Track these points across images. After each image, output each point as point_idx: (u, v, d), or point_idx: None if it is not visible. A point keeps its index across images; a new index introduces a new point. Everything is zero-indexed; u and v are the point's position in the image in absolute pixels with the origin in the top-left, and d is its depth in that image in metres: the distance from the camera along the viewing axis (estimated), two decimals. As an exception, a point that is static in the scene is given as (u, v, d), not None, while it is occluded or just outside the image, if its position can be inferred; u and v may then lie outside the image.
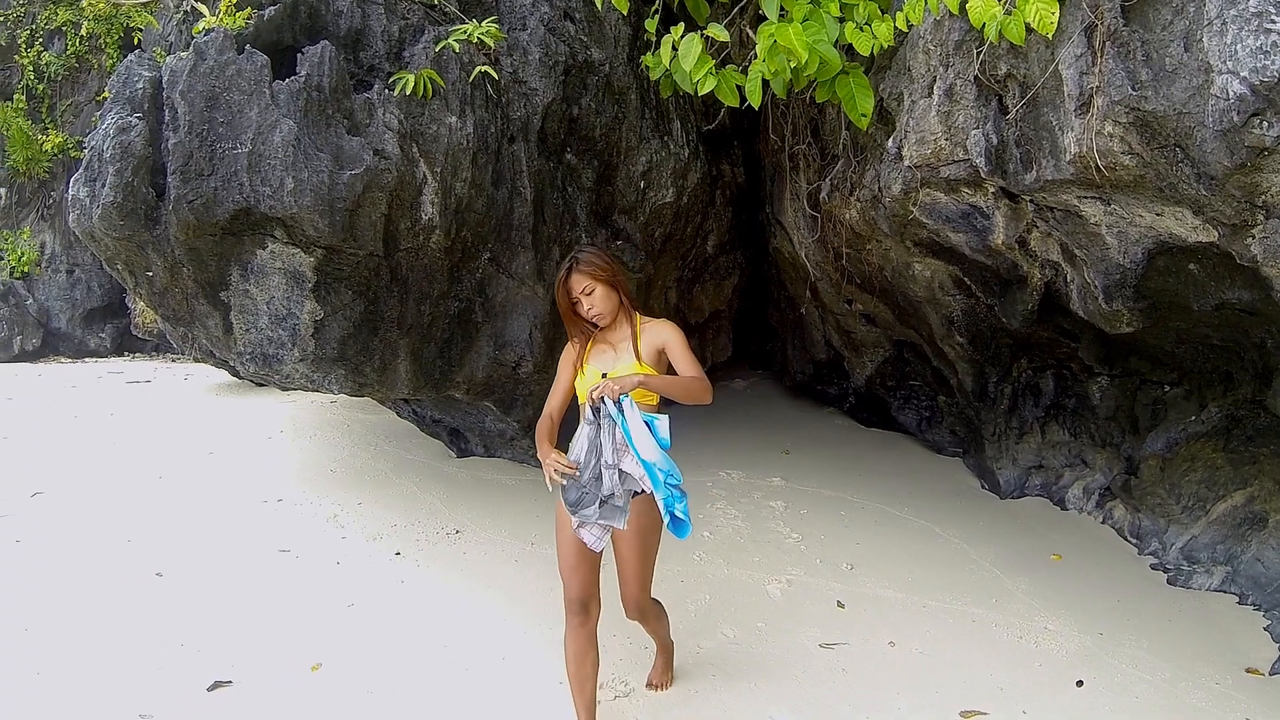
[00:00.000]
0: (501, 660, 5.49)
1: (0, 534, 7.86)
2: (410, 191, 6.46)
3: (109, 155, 6.14)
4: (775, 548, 7.10)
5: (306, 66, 6.20)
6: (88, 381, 16.63)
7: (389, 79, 6.52)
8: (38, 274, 22.03)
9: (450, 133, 6.56)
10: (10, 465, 10.28)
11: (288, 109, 6.04)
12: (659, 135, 8.07)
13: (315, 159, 6.00)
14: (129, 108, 6.43)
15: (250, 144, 5.99)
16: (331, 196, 6.01)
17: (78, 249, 21.86)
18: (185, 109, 6.05)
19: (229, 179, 5.99)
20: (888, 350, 9.42)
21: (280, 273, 6.35)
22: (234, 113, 6.06)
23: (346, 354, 6.65)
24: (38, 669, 5.49)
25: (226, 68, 6.11)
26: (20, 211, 22.23)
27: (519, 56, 7.14)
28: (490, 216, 7.02)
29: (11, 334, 21.16)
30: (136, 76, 6.63)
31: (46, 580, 6.79)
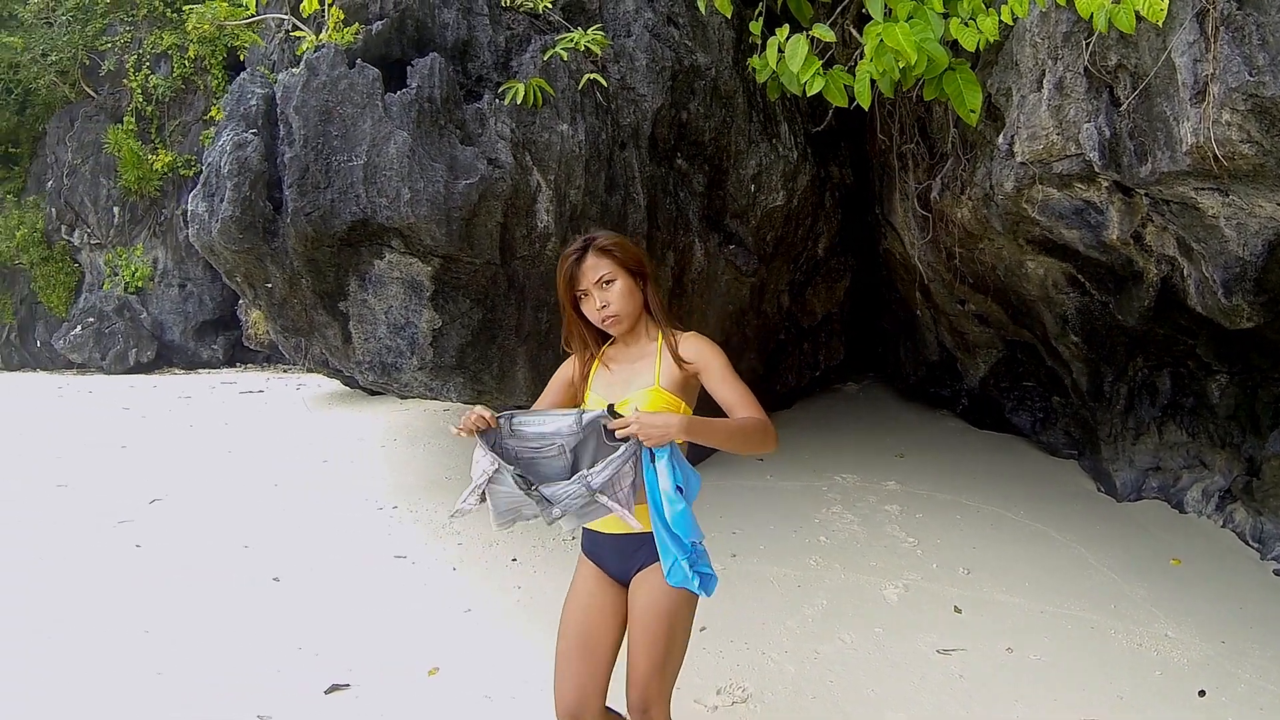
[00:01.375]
0: (617, 665, 5.30)
1: (121, 539, 8.00)
2: (525, 199, 6.38)
3: (226, 171, 6.14)
4: (891, 552, 6.91)
5: (417, 78, 6.18)
6: (201, 392, 16.89)
7: (498, 89, 6.45)
8: (151, 289, 22.41)
9: (562, 140, 6.46)
10: (130, 473, 10.46)
11: (401, 121, 6.01)
12: (767, 138, 7.91)
13: (430, 169, 5.96)
14: (244, 124, 6.43)
15: (365, 156, 5.96)
16: (448, 206, 5.96)
17: (189, 264, 22.28)
18: (300, 123, 6.05)
19: (345, 191, 5.98)
20: (1001, 351, 9.14)
21: (398, 282, 6.32)
22: (348, 126, 6.04)
23: (465, 362, 6.60)
24: (159, 669, 5.54)
25: (339, 82, 6.11)
26: (133, 229, 22.63)
27: (626, 63, 7.03)
28: (604, 223, 6.80)
29: (127, 347, 21.59)
30: (250, 94, 6.64)
31: (166, 584, 6.87)
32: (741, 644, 5.51)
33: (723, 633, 5.58)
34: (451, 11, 6.71)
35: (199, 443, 11.87)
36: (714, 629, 5.64)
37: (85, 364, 22.56)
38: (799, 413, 9.89)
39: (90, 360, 22.25)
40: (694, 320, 7.64)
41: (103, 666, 5.68)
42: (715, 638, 5.54)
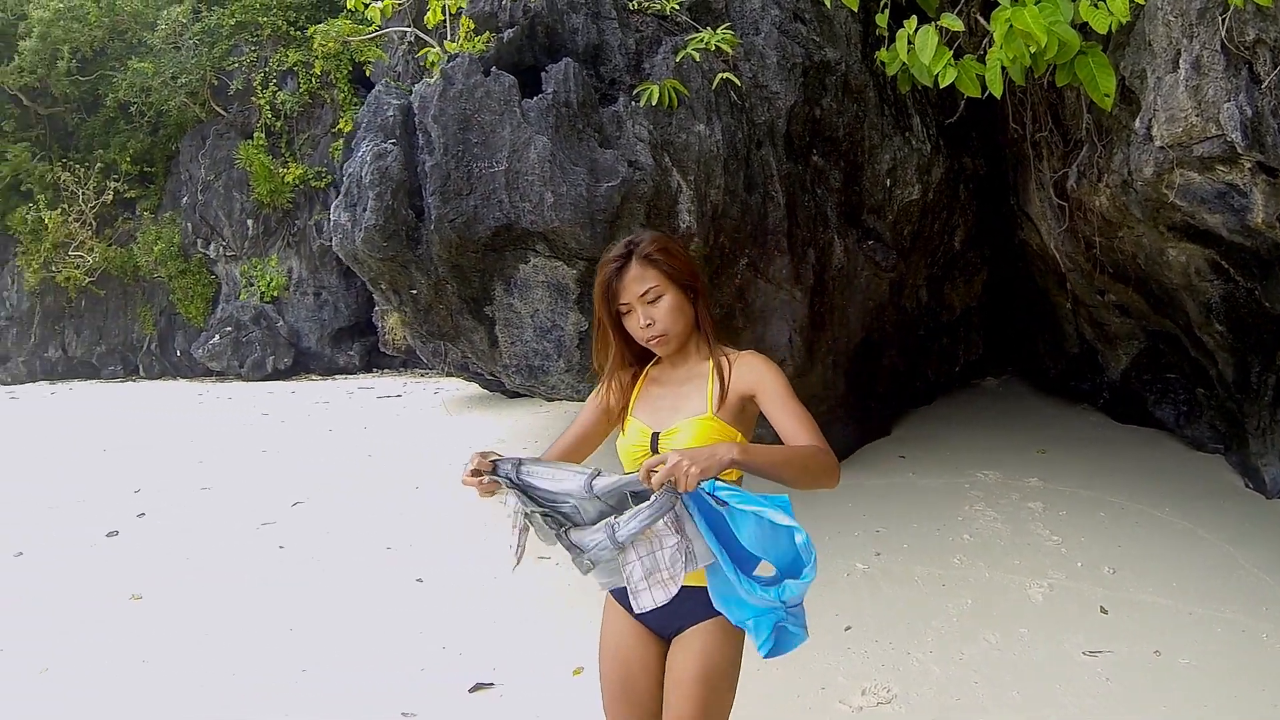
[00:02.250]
0: (763, 664, 5.18)
1: (264, 541, 8.19)
2: (666, 201, 6.27)
3: (368, 180, 6.16)
4: (1035, 550, 6.66)
5: (552, 84, 6.13)
6: (339, 397, 17.17)
7: (632, 91, 6.37)
8: (286, 297, 22.82)
9: (700, 141, 6.35)
10: (271, 477, 10.69)
11: (539, 126, 5.96)
12: (900, 131, 7.73)
13: (572, 173, 5.89)
14: (381, 135, 6.44)
15: (506, 162, 5.92)
16: (591, 209, 5.88)
17: (324, 273, 22.68)
18: (439, 132, 6.04)
19: (488, 197, 5.95)
20: (1142, 342, 8.76)
21: (543, 286, 6.29)
22: (487, 133, 6.01)
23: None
24: (303, 667, 5.69)
25: (475, 90, 6.08)
26: (267, 240, 23.05)
27: (756, 61, 6.89)
28: (745, 222, 6.75)
29: (264, 354, 22.00)
30: (386, 105, 6.65)
31: (309, 584, 7.01)
32: (886, 644, 5.36)
33: (867, 632, 5.46)
34: (580, 16, 6.64)
35: (338, 447, 12.06)
36: (859, 628, 5.53)
37: (224, 371, 23.09)
38: (938, 409, 9.68)
39: (228, 368, 22.77)
40: (835, 318, 7.53)
41: (249, 664, 5.83)
42: (860, 637, 5.42)
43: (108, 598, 7.32)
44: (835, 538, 6.82)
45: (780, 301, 7.15)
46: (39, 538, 9.26)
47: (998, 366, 11.00)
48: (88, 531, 9.29)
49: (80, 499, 10.81)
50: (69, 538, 9.15)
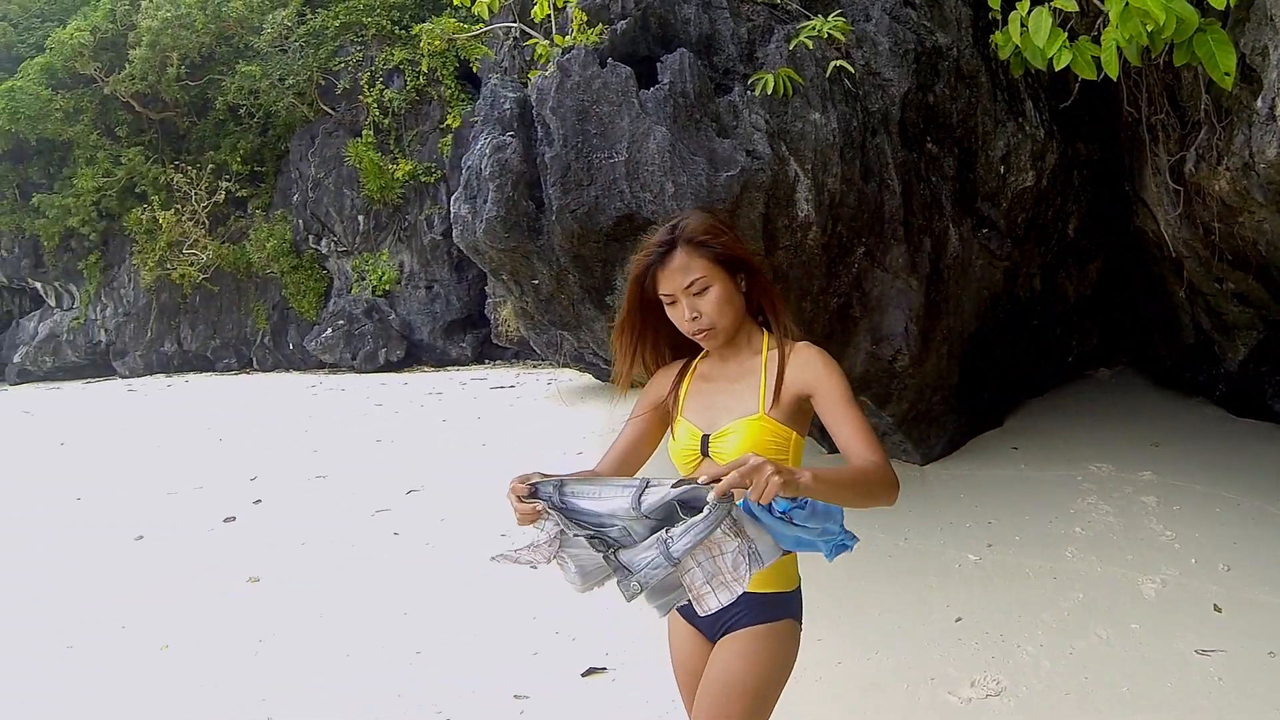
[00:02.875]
0: (873, 654, 5.20)
1: (379, 527, 8.35)
2: (785, 189, 6.17)
3: (488, 173, 6.16)
4: (1148, 545, 6.46)
5: (669, 74, 6.07)
6: (451, 389, 17.37)
7: (746, 80, 6.30)
8: (398, 291, 23.14)
9: (816, 129, 6.26)
10: (387, 465, 10.84)
11: (657, 116, 5.91)
12: (1013, 117, 7.58)
13: (691, 163, 5.83)
14: (499, 127, 6.44)
15: (626, 152, 5.87)
16: (711, 198, 5.79)
17: (435, 266, 22.98)
18: (558, 124, 6.01)
19: (608, 187, 5.90)
20: (1262, 332, 8.38)
21: None
22: (605, 124, 5.97)
23: None
24: (418, 649, 5.79)
25: (593, 82, 6.03)
26: (378, 235, 23.36)
27: (869, 48, 6.80)
28: (862, 211, 6.67)
29: (377, 347, 22.33)
30: (502, 98, 6.65)
31: (423, 570, 7.14)
32: (996, 636, 5.26)
33: (978, 624, 5.38)
34: (692, 7, 6.59)
35: (452, 436, 12.18)
36: (969, 620, 5.45)
37: (336, 364, 23.52)
38: (1051, 400, 9.46)
39: (341, 360, 23.17)
40: (949, 308, 7.40)
41: (364, 646, 5.96)
42: (970, 629, 5.33)
43: (225, 580, 7.54)
44: (946, 529, 6.77)
45: (896, 290, 7.06)
46: (159, 522, 9.51)
47: (1111, 357, 10.66)
48: (206, 517, 9.54)
49: (198, 486, 11.09)
50: (187, 522, 9.40)
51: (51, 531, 9.68)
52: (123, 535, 9.17)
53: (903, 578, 6.16)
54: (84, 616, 7.05)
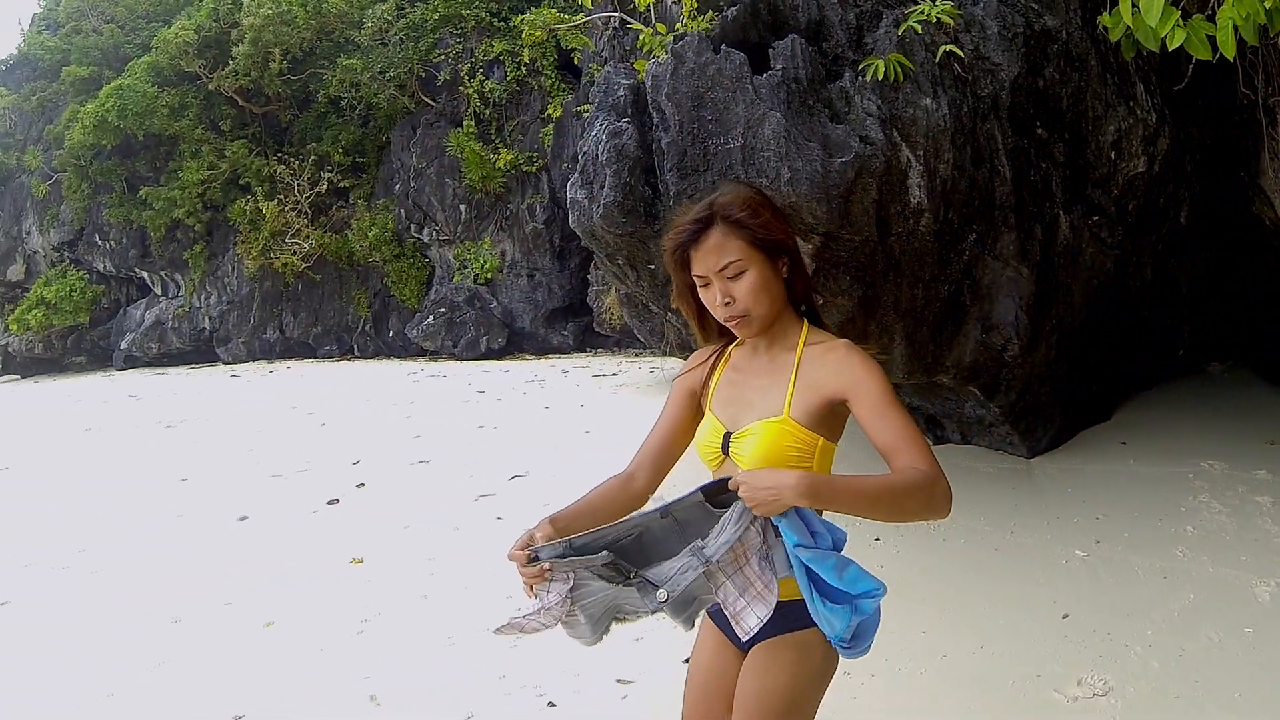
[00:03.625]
0: (978, 648, 5.14)
1: (483, 512, 8.47)
2: (897, 175, 6.14)
3: (604, 159, 6.20)
4: (1263, 547, 6.26)
5: (781, 60, 6.03)
6: (553, 376, 17.48)
7: (856, 66, 6.24)
8: (500, 279, 23.37)
9: (927, 115, 6.20)
10: (490, 451, 10.99)
11: (771, 102, 5.86)
12: (1124, 101, 7.38)
13: (806, 149, 5.79)
14: (614, 114, 6.48)
15: (741, 138, 5.84)
16: (826, 184, 5.77)
17: (537, 255, 23.15)
18: (673, 110, 6.02)
19: (725, 172, 5.88)
20: (1383, 325, 8.22)
21: None
22: (720, 110, 5.95)
23: (850, 338, 6.33)
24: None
25: (707, 68, 6.02)
26: (480, 224, 23.60)
27: (977, 32, 6.68)
28: (973, 197, 6.60)
29: (478, 334, 22.57)
30: (616, 85, 6.69)
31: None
32: (1104, 634, 5.14)
33: (1085, 622, 5.28)
34: (801, -8, 6.56)
35: (555, 423, 12.27)
36: (1076, 617, 5.36)
37: (437, 351, 23.78)
38: (1159, 394, 9.26)
39: (442, 347, 23.43)
40: (1059, 297, 7.30)
41: (467, 629, 6.05)
42: (1077, 627, 5.24)
43: (329, 561, 7.70)
44: (1053, 524, 6.67)
45: (1007, 279, 6.99)
46: (263, 504, 9.75)
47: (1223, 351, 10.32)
48: (309, 499, 9.73)
49: (301, 469, 11.32)
50: (292, 504, 9.62)
51: (159, 511, 9.95)
52: (227, 516, 9.42)
53: (1009, 572, 6.10)
54: (190, 593, 7.26)
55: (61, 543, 9.09)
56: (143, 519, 9.79)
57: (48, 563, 8.49)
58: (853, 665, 4.75)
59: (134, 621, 6.78)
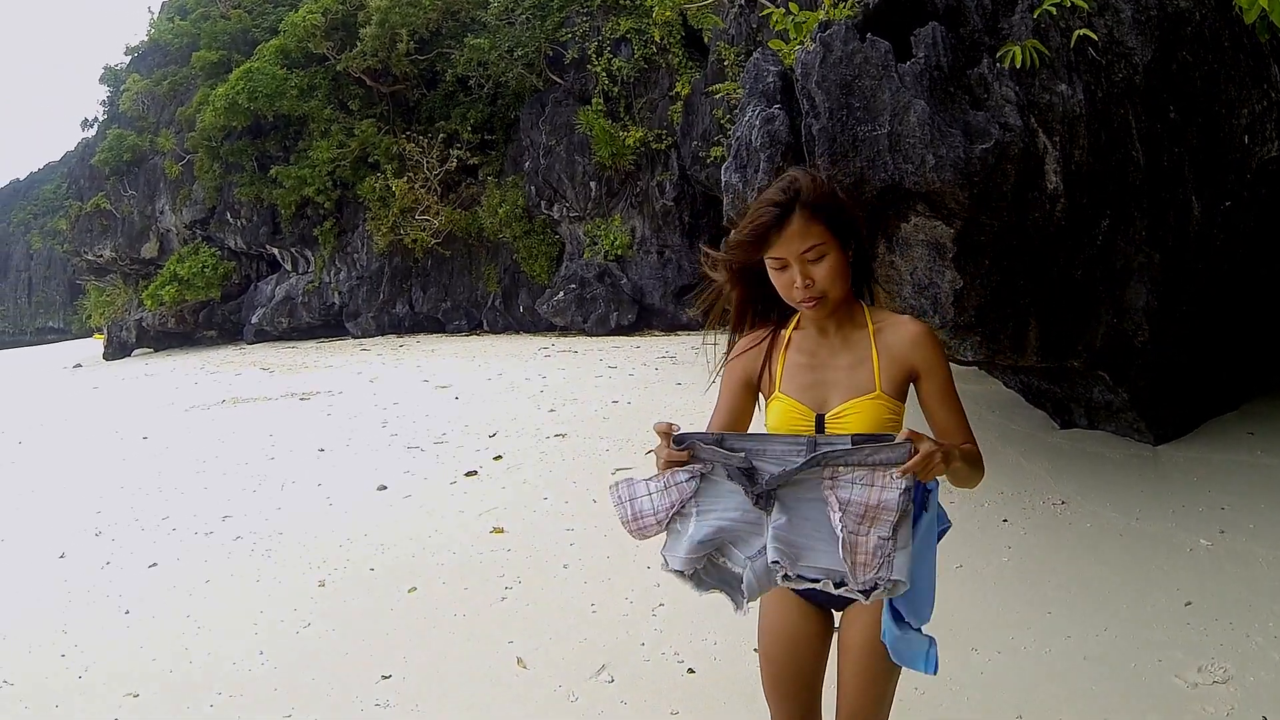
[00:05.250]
0: (1101, 630, 5.22)
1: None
2: (1034, 161, 6.25)
3: (758, 144, 6.45)
4: None
5: (923, 48, 6.21)
6: (684, 353, 17.61)
7: (993, 52, 6.36)
8: (630, 256, 23.61)
9: (1063, 101, 6.30)
10: (624, 425, 11.25)
11: (915, 90, 6.05)
12: (1258, 84, 7.34)
13: (949, 135, 5.96)
14: (765, 100, 6.71)
15: (888, 125, 6.03)
16: (968, 170, 5.94)
17: (666, 232, 23.44)
18: (822, 98, 6.20)
19: (873, 159, 6.07)
20: None
21: (923, 244, 6.37)
22: (867, 97, 6.13)
23: (984, 321, 6.58)
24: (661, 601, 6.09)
25: (854, 56, 6.19)
26: (610, 201, 23.86)
27: (1111, 16, 6.72)
28: (1107, 183, 6.64)
29: (608, 310, 22.91)
30: (765, 72, 6.91)
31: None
32: (1225, 623, 5.18)
33: (1207, 610, 5.33)
34: (937, -23, 6.69)
35: (688, 399, 12.47)
36: (1199, 605, 5.40)
37: (567, 327, 24.10)
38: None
39: (572, 323, 23.75)
40: (1190, 283, 7.32)
41: (607, 599, 6.29)
42: (1199, 615, 5.29)
43: (470, 530, 7.99)
44: (1178, 511, 6.74)
45: (1139, 264, 7.01)
46: (401, 474, 10.07)
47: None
48: (447, 470, 10.03)
49: (438, 441, 11.61)
50: (430, 475, 9.93)
51: (297, 480, 10.35)
52: (366, 486, 9.78)
53: (1133, 558, 6.16)
54: (333, 558, 7.58)
55: (203, 509, 9.52)
56: (282, 488, 10.18)
57: (191, 528, 8.90)
58: (981, 641, 5.12)
59: (279, 584, 7.15)
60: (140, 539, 8.70)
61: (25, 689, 5.71)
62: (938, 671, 2.88)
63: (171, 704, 5.34)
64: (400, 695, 5.22)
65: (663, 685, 5.06)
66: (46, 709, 5.43)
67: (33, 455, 14.19)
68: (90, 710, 5.36)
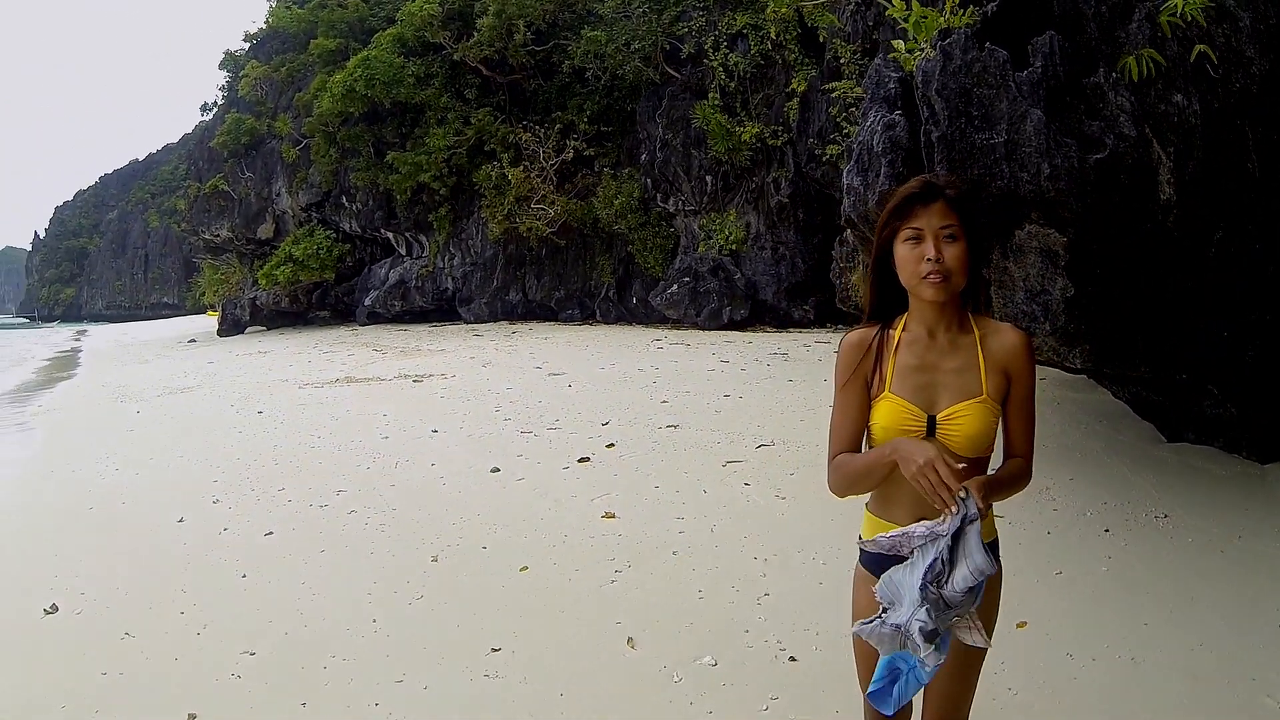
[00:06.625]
0: (1196, 646, 5.21)
1: (731, 477, 8.85)
2: (1148, 172, 6.24)
3: (879, 149, 6.67)
4: None
5: (1040, 57, 6.32)
6: (796, 350, 17.73)
7: (1110, 61, 6.37)
8: (744, 251, 23.78)
9: (1178, 111, 6.29)
10: (736, 419, 11.36)
11: (1032, 98, 6.19)
12: (1379, 94, 7.24)
13: (1064, 144, 6.09)
14: (886, 106, 6.93)
15: (1005, 134, 6.18)
16: (1082, 179, 6.05)
17: (781, 229, 23.50)
18: (942, 106, 6.37)
19: (990, 167, 6.21)
20: None
21: (1036, 251, 6.49)
22: (985, 106, 6.28)
23: (1093, 329, 6.65)
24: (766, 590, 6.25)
25: (972, 65, 6.35)
26: (725, 195, 24.04)
27: (1229, 25, 6.49)
28: (1221, 195, 6.57)
29: (721, 305, 23.12)
30: (886, 78, 7.14)
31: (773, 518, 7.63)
32: None
33: None
34: (1057, -13, 6.76)
35: (799, 396, 12.57)
36: None
37: (680, 320, 24.35)
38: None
39: (685, 316, 23.96)
40: None
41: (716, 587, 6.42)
42: None
43: (581, 514, 8.17)
44: None
45: (1251, 277, 6.88)
46: (514, 458, 10.30)
47: None
48: (560, 456, 10.24)
49: (551, 426, 11.84)
50: (543, 460, 10.13)
51: (412, 459, 10.65)
52: (480, 467, 9.99)
53: (1233, 576, 6.11)
54: (446, 535, 7.80)
55: (318, 482, 9.81)
56: (395, 465, 10.42)
57: (306, 500, 9.17)
58: (1076, 648, 5.21)
59: (392, 557, 7.37)
60: (256, 508, 9.05)
61: (146, 641, 6.03)
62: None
63: (286, 663, 5.61)
64: (508, 667, 5.40)
65: (764, 671, 5.17)
66: (166, 660, 5.73)
67: (150, 424, 14.73)
68: (208, 664, 5.64)
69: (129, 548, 8.02)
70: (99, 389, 21.47)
